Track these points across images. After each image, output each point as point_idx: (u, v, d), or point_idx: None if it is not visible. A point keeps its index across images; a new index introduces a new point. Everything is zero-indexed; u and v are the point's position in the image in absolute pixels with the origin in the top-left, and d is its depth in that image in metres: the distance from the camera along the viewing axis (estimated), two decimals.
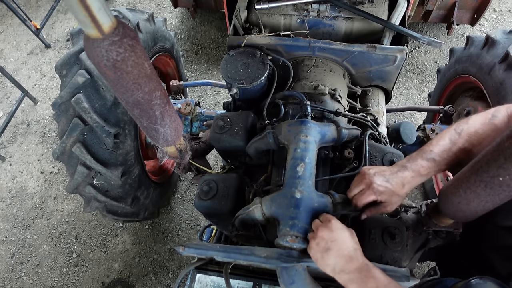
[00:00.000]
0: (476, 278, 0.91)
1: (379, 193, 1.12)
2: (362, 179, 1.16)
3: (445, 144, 1.11)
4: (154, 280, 2.69)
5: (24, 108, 3.58)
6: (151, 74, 1.06)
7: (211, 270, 1.28)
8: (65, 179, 3.15)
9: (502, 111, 1.09)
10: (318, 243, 1.04)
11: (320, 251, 1.03)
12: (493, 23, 3.70)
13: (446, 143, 1.11)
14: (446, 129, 1.16)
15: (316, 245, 1.04)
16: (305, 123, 1.38)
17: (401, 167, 1.14)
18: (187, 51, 3.77)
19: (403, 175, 1.12)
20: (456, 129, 1.13)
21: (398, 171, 1.13)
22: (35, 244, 2.90)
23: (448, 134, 1.13)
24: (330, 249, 1.01)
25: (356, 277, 0.98)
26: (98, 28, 0.85)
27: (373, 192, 1.12)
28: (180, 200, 3.00)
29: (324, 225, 1.07)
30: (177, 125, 1.36)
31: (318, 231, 1.06)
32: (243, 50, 1.77)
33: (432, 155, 1.11)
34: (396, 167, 1.15)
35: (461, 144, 1.10)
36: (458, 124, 1.14)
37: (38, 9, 4.29)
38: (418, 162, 1.12)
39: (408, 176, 1.12)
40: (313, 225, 1.12)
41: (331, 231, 1.04)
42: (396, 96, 3.37)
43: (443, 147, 1.11)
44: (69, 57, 1.88)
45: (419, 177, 1.12)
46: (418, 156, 1.13)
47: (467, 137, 1.10)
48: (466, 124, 1.12)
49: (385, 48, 1.73)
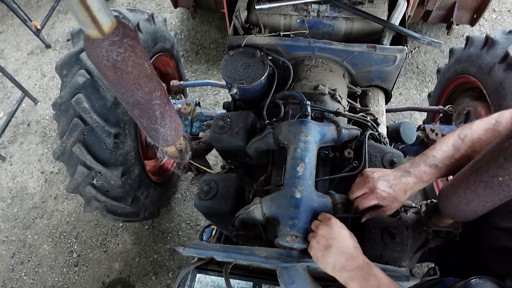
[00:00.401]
0: (476, 278, 0.91)
1: (382, 199, 1.12)
2: (365, 182, 1.16)
3: (448, 150, 1.11)
4: (154, 280, 2.69)
5: (24, 108, 3.58)
6: (151, 74, 1.06)
7: (211, 270, 1.28)
8: (66, 179, 3.15)
9: (505, 116, 1.08)
10: (318, 241, 1.04)
11: (321, 249, 1.03)
12: (493, 23, 3.70)
13: (450, 149, 1.11)
14: (449, 134, 1.16)
15: (316, 243, 1.04)
16: (305, 123, 1.38)
17: (404, 172, 1.13)
18: (187, 51, 3.77)
19: (406, 181, 1.12)
20: (460, 134, 1.12)
21: (402, 176, 1.13)
22: (35, 244, 2.90)
23: (452, 139, 1.13)
24: (331, 246, 1.01)
25: (357, 275, 0.98)
26: (98, 28, 0.85)
27: (376, 197, 1.12)
28: (180, 200, 3.00)
29: (324, 223, 1.07)
30: (177, 125, 1.36)
31: (318, 229, 1.06)
32: (243, 50, 1.77)
33: (435, 161, 1.11)
34: (399, 171, 1.14)
35: (464, 151, 1.10)
36: (461, 129, 1.14)
37: (39, 9, 4.29)
38: (421, 168, 1.12)
39: (410, 183, 1.12)
40: (312, 225, 1.12)
41: (331, 228, 1.04)
42: (396, 96, 3.37)
43: (446, 153, 1.11)
44: (69, 57, 1.88)
45: (421, 183, 1.12)
46: (421, 161, 1.13)
47: (470, 143, 1.10)
48: (470, 129, 1.12)
49: (385, 48, 1.73)
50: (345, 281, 0.99)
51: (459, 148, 1.10)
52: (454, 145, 1.11)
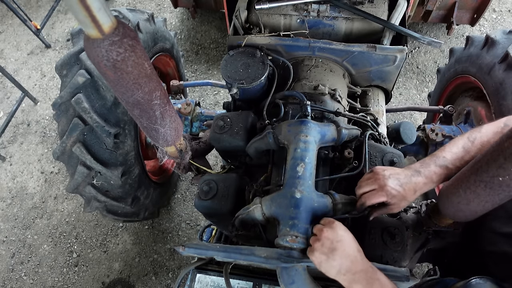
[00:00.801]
0: (476, 278, 0.91)
1: (391, 196, 1.11)
2: (375, 179, 1.15)
3: (458, 152, 1.12)
4: (154, 280, 2.69)
5: (24, 108, 3.58)
6: (151, 74, 1.06)
7: (211, 270, 1.28)
8: (65, 179, 3.15)
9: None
10: (323, 243, 1.03)
11: (325, 252, 1.02)
12: (493, 23, 3.70)
13: (460, 151, 1.12)
14: (458, 136, 1.17)
15: (321, 246, 1.03)
16: (305, 123, 1.38)
17: (414, 171, 1.13)
18: (187, 51, 3.77)
19: (416, 180, 1.12)
20: (469, 137, 1.13)
21: (412, 175, 1.13)
22: (35, 244, 2.90)
23: (462, 141, 1.13)
24: (336, 249, 1.01)
25: (361, 278, 0.98)
26: (98, 28, 0.85)
27: (385, 194, 1.12)
28: (180, 200, 3.00)
29: (328, 226, 1.06)
30: (177, 125, 1.36)
31: (322, 232, 1.05)
32: (243, 50, 1.77)
33: (445, 162, 1.11)
34: (410, 171, 1.14)
35: (474, 153, 1.10)
36: (471, 132, 1.15)
37: (38, 9, 4.29)
38: (431, 168, 1.12)
39: (420, 183, 1.11)
40: (314, 229, 1.11)
41: (335, 232, 1.04)
42: (396, 96, 3.37)
43: (456, 154, 1.12)
44: (69, 57, 1.88)
45: (431, 184, 1.12)
46: (431, 161, 1.13)
47: (480, 145, 1.10)
48: (479, 132, 1.13)
49: (385, 48, 1.73)
50: (349, 285, 0.99)
51: (469, 150, 1.11)
52: (464, 147, 1.12)
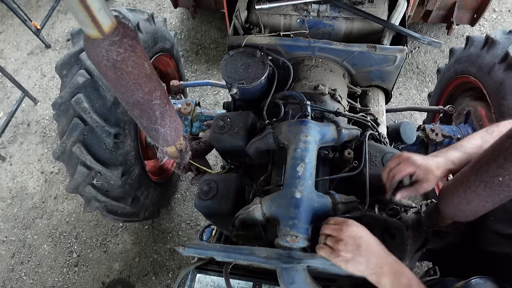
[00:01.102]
0: (476, 278, 0.91)
1: (417, 166, 1.13)
2: (399, 156, 1.20)
3: (476, 142, 1.15)
4: (154, 280, 2.69)
5: (24, 108, 3.58)
6: (151, 74, 1.06)
7: (211, 270, 1.28)
8: (65, 179, 3.15)
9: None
10: (346, 242, 1.00)
11: (351, 250, 0.99)
12: (493, 23, 3.70)
13: (477, 141, 1.15)
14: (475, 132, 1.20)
15: (344, 246, 0.99)
16: (305, 123, 1.38)
17: (433, 155, 1.17)
18: (187, 51, 3.77)
19: (437, 159, 1.15)
20: (488, 130, 1.17)
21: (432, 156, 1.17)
22: (35, 244, 2.90)
23: (479, 134, 1.18)
24: (361, 245, 0.99)
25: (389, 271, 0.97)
26: (98, 28, 0.86)
27: (411, 163, 1.14)
28: (180, 200, 3.00)
29: (344, 225, 1.03)
30: (177, 125, 1.36)
31: (342, 232, 1.01)
32: (243, 50, 1.77)
33: (463, 149, 1.15)
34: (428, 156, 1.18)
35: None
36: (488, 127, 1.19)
37: (38, 9, 4.29)
38: (450, 153, 1.15)
39: (441, 161, 1.14)
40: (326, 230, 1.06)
41: (353, 229, 1.02)
42: (396, 96, 3.37)
43: (474, 144, 1.15)
44: (69, 57, 1.88)
45: (452, 165, 1.14)
46: (449, 149, 1.17)
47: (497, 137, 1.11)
48: (497, 126, 1.16)
49: (385, 48, 1.73)
50: (378, 279, 0.98)
51: (488, 140, 1.13)
52: (482, 138, 1.15)
